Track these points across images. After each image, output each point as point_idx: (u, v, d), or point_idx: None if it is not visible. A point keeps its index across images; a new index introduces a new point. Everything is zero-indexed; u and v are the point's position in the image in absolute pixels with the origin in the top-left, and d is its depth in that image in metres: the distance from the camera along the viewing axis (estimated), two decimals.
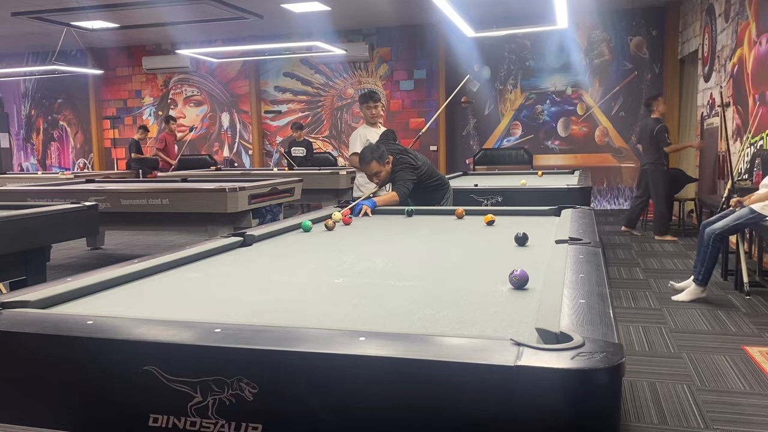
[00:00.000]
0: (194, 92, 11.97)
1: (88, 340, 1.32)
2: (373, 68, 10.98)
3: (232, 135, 11.88)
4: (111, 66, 12.22)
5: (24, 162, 13.26)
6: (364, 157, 3.95)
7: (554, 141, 10.20)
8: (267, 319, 1.49)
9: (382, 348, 1.17)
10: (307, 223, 3.06)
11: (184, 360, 1.24)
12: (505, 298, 1.68)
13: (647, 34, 9.64)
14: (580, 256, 2.08)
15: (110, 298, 1.79)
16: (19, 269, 4.00)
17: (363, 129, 5.02)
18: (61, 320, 1.46)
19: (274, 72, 11.48)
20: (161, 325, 1.36)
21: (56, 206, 4.43)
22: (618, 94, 9.83)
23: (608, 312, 1.42)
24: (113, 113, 12.45)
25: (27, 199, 5.89)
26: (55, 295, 1.70)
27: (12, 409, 1.38)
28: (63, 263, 6.61)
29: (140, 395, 1.27)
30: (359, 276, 2.02)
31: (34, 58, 12.42)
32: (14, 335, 1.39)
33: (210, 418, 1.21)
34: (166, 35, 11.05)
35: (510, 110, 10.37)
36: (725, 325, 4.09)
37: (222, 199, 5.41)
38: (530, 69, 10.20)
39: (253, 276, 2.10)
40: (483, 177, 7.01)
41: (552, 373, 1.05)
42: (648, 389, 3.10)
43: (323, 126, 11.38)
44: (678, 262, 6.03)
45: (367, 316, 1.52)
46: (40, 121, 13.03)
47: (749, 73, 6.18)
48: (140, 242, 8.06)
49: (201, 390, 1.21)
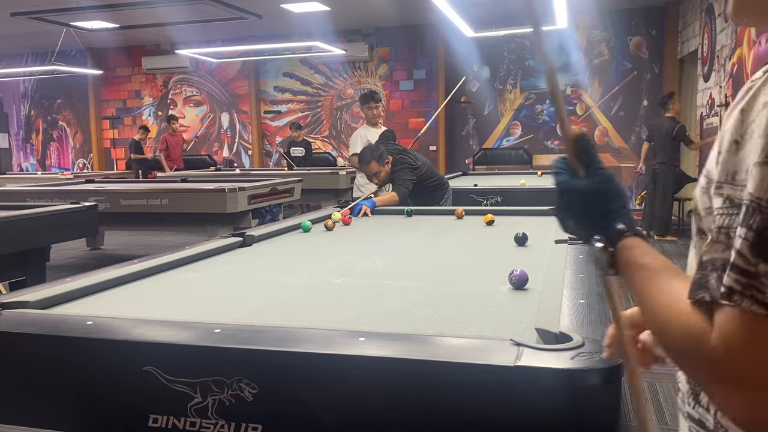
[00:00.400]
0: (194, 92, 11.97)
1: (87, 341, 1.32)
2: (372, 68, 10.98)
3: (231, 135, 11.88)
4: (110, 66, 12.21)
5: (23, 162, 13.26)
6: (364, 158, 3.96)
7: (554, 141, 10.20)
8: (267, 320, 1.49)
9: (381, 348, 1.17)
10: (306, 224, 3.06)
11: (183, 360, 1.25)
12: (505, 298, 1.68)
13: (647, 34, 9.64)
14: (579, 256, 2.08)
15: (110, 299, 1.79)
16: (18, 269, 4.00)
17: (363, 129, 5.02)
18: (60, 321, 1.46)
19: (273, 72, 11.47)
20: (161, 326, 1.36)
21: (56, 206, 4.43)
22: (617, 94, 9.83)
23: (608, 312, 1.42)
24: (113, 113, 12.44)
25: (26, 200, 5.89)
26: (55, 296, 1.70)
27: (11, 409, 1.38)
28: (62, 263, 6.61)
29: (140, 396, 1.27)
30: (359, 276, 2.02)
31: (34, 59, 12.41)
32: (14, 336, 1.39)
33: (210, 418, 1.21)
34: (165, 35, 11.04)
35: (509, 110, 10.37)
36: None
37: (221, 199, 5.41)
38: (530, 69, 10.20)
39: (253, 276, 2.10)
40: (482, 177, 7.01)
41: (552, 374, 1.05)
42: (647, 389, 3.10)
43: (323, 126, 11.38)
44: (678, 262, 6.03)
45: (367, 317, 1.52)
46: (39, 122, 13.03)
47: (749, 73, 6.18)
48: (140, 242, 8.06)
49: (201, 390, 1.21)
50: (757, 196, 0.55)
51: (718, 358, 0.57)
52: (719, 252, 0.59)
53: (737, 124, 0.60)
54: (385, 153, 3.97)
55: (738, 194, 0.58)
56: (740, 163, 0.59)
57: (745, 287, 0.55)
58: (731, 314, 0.56)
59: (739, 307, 0.55)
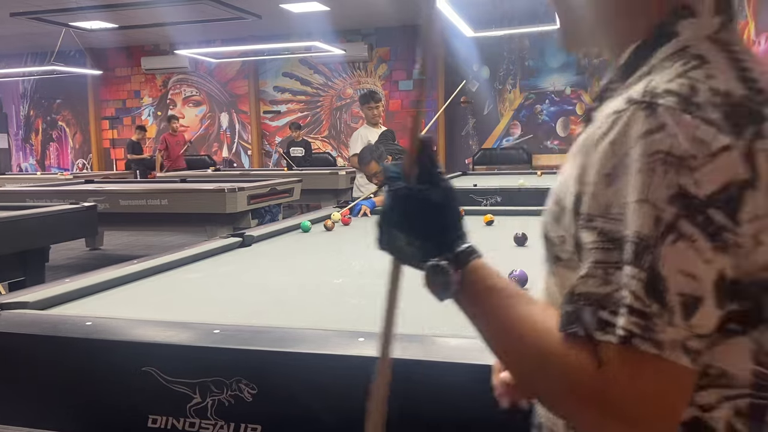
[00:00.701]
0: (193, 92, 11.97)
1: (86, 341, 1.32)
2: (372, 68, 10.98)
3: (231, 135, 11.88)
4: (110, 66, 12.21)
5: (23, 162, 13.25)
6: (363, 158, 3.96)
7: (553, 141, 10.21)
8: (266, 320, 1.49)
9: None
10: (306, 224, 3.06)
11: (183, 361, 1.24)
12: None
13: None
14: None
15: (109, 299, 1.79)
16: (18, 270, 4.00)
17: (364, 129, 5.02)
18: (59, 321, 1.46)
19: (273, 72, 11.47)
20: (160, 326, 1.36)
21: (55, 207, 4.43)
22: None
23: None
24: (112, 114, 12.44)
25: (26, 200, 5.89)
26: (54, 296, 1.70)
27: (11, 409, 1.38)
28: (62, 264, 6.61)
29: (139, 396, 1.27)
30: (358, 276, 2.02)
31: (33, 59, 12.39)
32: (13, 336, 1.39)
33: (209, 419, 1.21)
34: (164, 35, 11.04)
35: (509, 110, 10.37)
36: None
37: (221, 199, 5.41)
38: (529, 69, 10.20)
39: (253, 276, 2.10)
40: (482, 177, 7.01)
41: None
42: None
43: (322, 126, 11.38)
44: None
45: (367, 317, 1.51)
46: (38, 122, 13.02)
47: None
48: (139, 243, 8.06)
49: (200, 391, 1.21)
50: (646, 234, 0.54)
51: (606, 394, 0.56)
52: (595, 287, 0.57)
53: (608, 156, 0.58)
54: (385, 153, 3.96)
55: (615, 228, 0.57)
56: (613, 197, 0.57)
57: (644, 330, 0.54)
58: (621, 352, 0.55)
59: (635, 347, 0.55)
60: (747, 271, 0.56)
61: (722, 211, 0.54)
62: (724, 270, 0.55)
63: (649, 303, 0.54)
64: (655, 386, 0.55)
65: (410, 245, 0.72)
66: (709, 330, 0.56)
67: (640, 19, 0.66)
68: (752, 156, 0.54)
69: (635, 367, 0.55)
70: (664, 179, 0.54)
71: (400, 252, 0.74)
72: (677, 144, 0.54)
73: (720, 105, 0.56)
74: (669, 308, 0.54)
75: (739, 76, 0.59)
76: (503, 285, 0.67)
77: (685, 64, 0.60)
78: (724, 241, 0.54)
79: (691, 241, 0.54)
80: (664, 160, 0.54)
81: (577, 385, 0.58)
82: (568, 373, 0.58)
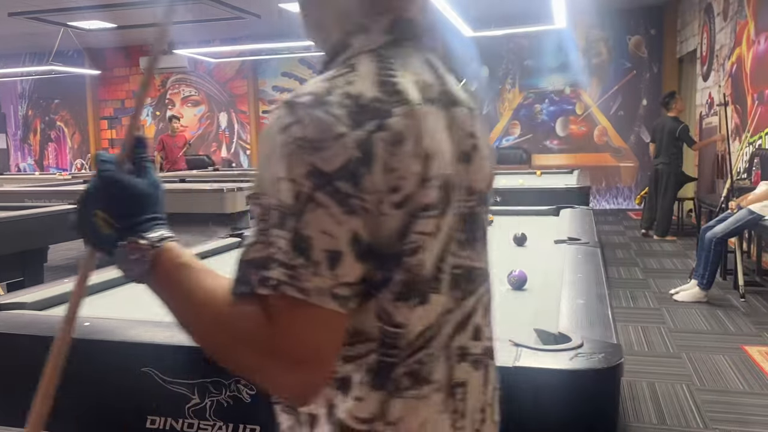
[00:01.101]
0: (192, 92, 11.96)
1: (85, 342, 1.31)
2: None
3: (230, 135, 11.87)
4: (108, 66, 12.20)
5: (21, 163, 13.24)
6: None
7: (553, 140, 10.21)
8: None
9: None
10: None
11: (181, 361, 1.24)
12: (504, 299, 1.68)
13: (646, 34, 9.64)
14: (578, 256, 2.08)
15: (108, 300, 1.78)
16: (16, 270, 4.00)
17: None
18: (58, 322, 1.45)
19: (272, 72, 11.47)
20: (159, 327, 1.35)
21: (54, 207, 4.42)
22: (617, 93, 9.84)
23: (607, 312, 1.42)
24: (110, 113, 12.43)
25: (24, 200, 5.88)
26: (52, 297, 1.70)
27: (9, 410, 1.38)
28: (61, 264, 6.60)
29: (138, 397, 1.26)
30: None
31: (31, 59, 12.39)
32: (11, 337, 1.39)
33: (208, 419, 1.21)
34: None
35: (508, 110, 10.37)
36: (724, 324, 4.09)
37: (220, 199, 5.41)
38: (528, 68, 10.20)
39: None
40: None
41: (551, 374, 1.04)
42: (647, 389, 3.10)
43: None
44: (677, 262, 6.03)
45: None
46: (37, 122, 13.01)
47: (748, 73, 6.18)
48: None
49: (199, 391, 1.21)
50: (290, 204, 0.66)
51: (271, 337, 0.66)
52: (257, 252, 0.67)
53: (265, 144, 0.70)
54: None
55: (271, 202, 0.67)
56: (269, 177, 0.68)
57: (291, 278, 0.65)
58: (277, 301, 0.65)
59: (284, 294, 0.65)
60: (377, 237, 0.67)
61: (347, 182, 0.65)
62: (357, 230, 0.66)
63: (294, 257, 0.65)
64: (308, 329, 0.66)
65: (109, 226, 0.79)
66: (354, 278, 0.67)
67: (333, 32, 0.80)
68: (368, 142, 0.66)
69: (290, 314, 0.66)
70: (300, 160, 0.66)
71: (96, 234, 0.80)
72: (309, 132, 0.66)
73: (347, 105, 0.67)
74: (314, 261, 0.65)
75: (378, 81, 0.70)
76: (194, 263, 0.76)
77: (338, 70, 0.72)
78: (352, 206, 0.66)
79: (326, 207, 0.65)
80: (300, 145, 0.66)
81: (249, 337, 0.67)
82: (240, 330, 0.68)
